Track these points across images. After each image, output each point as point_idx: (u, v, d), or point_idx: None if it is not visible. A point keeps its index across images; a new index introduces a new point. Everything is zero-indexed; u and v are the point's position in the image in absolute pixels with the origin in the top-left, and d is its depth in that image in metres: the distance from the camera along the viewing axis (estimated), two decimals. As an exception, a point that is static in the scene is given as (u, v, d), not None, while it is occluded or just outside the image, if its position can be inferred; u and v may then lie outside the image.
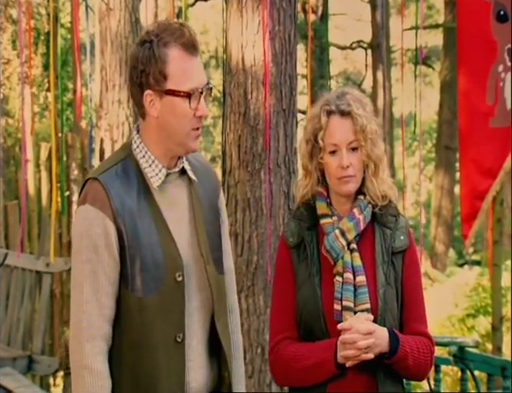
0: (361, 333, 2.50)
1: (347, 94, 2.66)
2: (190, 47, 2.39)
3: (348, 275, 2.60)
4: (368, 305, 2.58)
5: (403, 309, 2.65)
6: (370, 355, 2.52)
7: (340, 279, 2.60)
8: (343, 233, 2.62)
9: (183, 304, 2.43)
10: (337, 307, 2.58)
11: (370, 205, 2.66)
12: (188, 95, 2.38)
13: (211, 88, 2.45)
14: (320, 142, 2.64)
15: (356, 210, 2.65)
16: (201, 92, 2.40)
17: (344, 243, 2.61)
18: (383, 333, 2.54)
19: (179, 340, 2.42)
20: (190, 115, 2.40)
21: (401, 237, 2.67)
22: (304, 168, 2.72)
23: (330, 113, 2.63)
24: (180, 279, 2.42)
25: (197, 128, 2.44)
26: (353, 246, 2.63)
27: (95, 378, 2.38)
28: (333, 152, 2.63)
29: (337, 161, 2.62)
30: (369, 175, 2.66)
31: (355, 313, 2.57)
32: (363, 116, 2.61)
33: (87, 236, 2.40)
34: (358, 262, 2.62)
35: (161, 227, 2.43)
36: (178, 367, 2.42)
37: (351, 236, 2.62)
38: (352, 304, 2.58)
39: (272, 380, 2.83)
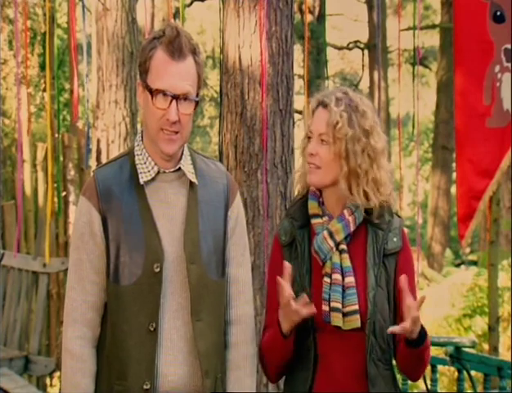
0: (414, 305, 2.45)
1: (341, 92, 2.66)
2: (174, 51, 2.45)
3: (337, 276, 2.58)
4: (356, 307, 2.56)
5: (396, 311, 2.62)
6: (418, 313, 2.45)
7: (328, 280, 2.59)
8: (331, 234, 2.60)
9: (159, 295, 2.48)
10: (325, 308, 2.57)
11: (362, 207, 2.65)
12: (151, 91, 2.45)
13: (196, 101, 2.48)
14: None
15: (346, 211, 2.63)
16: (174, 98, 2.44)
17: (332, 244, 2.60)
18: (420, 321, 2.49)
19: (151, 329, 2.47)
20: (157, 114, 2.46)
21: (394, 239, 2.65)
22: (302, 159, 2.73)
23: (318, 103, 2.65)
24: (157, 270, 2.47)
25: (172, 132, 2.47)
26: (343, 247, 2.61)
27: (74, 361, 2.49)
28: (309, 139, 2.65)
29: (308, 147, 2.65)
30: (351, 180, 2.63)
31: (343, 314, 2.56)
32: (339, 114, 2.58)
33: (76, 224, 2.54)
34: (347, 263, 2.60)
35: (147, 220, 2.50)
36: (149, 356, 2.47)
37: (339, 237, 2.61)
38: (340, 306, 2.56)
39: (269, 380, 2.80)
